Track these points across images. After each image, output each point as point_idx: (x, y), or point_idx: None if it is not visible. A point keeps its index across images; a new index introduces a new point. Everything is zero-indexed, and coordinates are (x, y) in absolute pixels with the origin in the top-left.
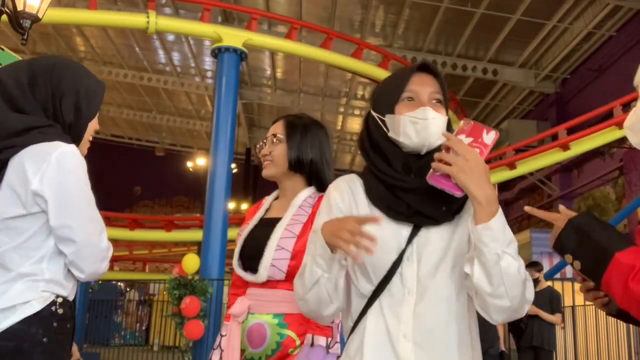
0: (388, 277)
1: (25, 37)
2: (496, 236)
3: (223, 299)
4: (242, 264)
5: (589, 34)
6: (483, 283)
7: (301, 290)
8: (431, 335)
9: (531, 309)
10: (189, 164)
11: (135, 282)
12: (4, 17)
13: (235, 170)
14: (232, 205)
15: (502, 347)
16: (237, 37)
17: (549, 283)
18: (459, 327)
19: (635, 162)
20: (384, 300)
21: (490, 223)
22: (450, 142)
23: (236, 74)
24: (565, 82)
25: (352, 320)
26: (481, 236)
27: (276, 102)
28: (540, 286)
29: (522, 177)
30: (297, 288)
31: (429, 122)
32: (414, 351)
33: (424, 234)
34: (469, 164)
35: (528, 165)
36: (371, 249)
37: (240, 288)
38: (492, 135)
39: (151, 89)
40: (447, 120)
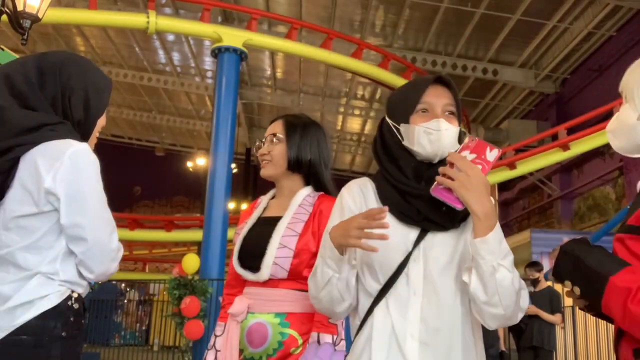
0: (395, 276)
1: (25, 37)
2: (492, 249)
3: None
4: (241, 262)
5: (589, 34)
6: (479, 292)
7: (314, 289)
8: (437, 335)
9: (531, 309)
10: (189, 164)
11: (135, 282)
12: (4, 17)
13: (235, 170)
14: (232, 205)
15: (502, 347)
16: (237, 37)
17: (549, 283)
18: (464, 328)
19: (635, 162)
20: (391, 300)
21: (487, 237)
22: (454, 159)
23: (236, 74)
24: (565, 82)
25: (360, 318)
26: (478, 249)
27: (276, 102)
28: (540, 286)
29: (522, 177)
30: (311, 287)
31: (442, 133)
32: (420, 350)
33: (430, 238)
34: (470, 180)
35: (528, 165)
36: (385, 236)
37: (235, 287)
38: (494, 153)
39: (151, 89)
40: (459, 130)
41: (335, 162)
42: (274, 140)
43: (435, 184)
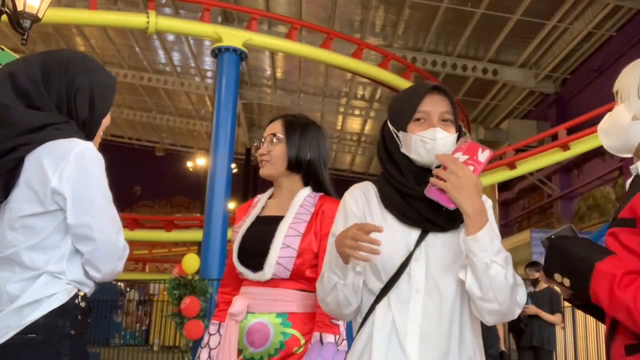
0: (397, 275)
1: (25, 37)
2: (484, 246)
3: None
4: (242, 261)
5: (589, 34)
6: (474, 288)
7: (322, 294)
8: (437, 331)
9: (531, 309)
10: (189, 164)
11: (135, 282)
12: (4, 17)
13: (235, 170)
14: (232, 205)
15: (502, 347)
16: (237, 37)
17: None
18: (463, 324)
19: None
20: (392, 298)
21: (478, 235)
22: (445, 162)
23: (236, 74)
24: (565, 82)
25: (361, 316)
26: (470, 246)
27: (276, 102)
28: (540, 286)
29: (522, 177)
30: (319, 291)
31: (437, 142)
32: (420, 345)
33: (431, 238)
34: (461, 181)
35: (528, 165)
36: (377, 250)
37: (230, 286)
38: (486, 154)
39: (151, 89)
40: (456, 136)
41: (335, 162)
42: (274, 140)
43: (429, 185)
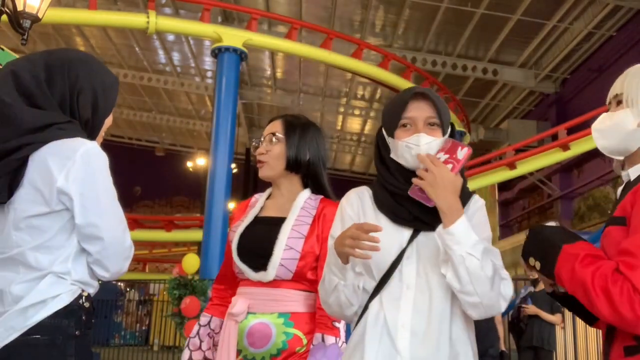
0: (389, 273)
1: (25, 37)
2: (458, 240)
3: None
4: (241, 260)
5: (589, 34)
6: (453, 282)
7: (324, 295)
8: (428, 326)
9: (531, 309)
10: (189, 164)
11: (135, 282)
12: (4, 17)
13: (235, 170)
14: (232, 205)
15: (502, 347)
16: (237, 37)
17: None
18: (454, 321)
19: None
20: (384, 295)
21: (450, 229)
22: (424, 162)
23: (236, 74)
24: (565, 82)
25: (357, 315)
26: (445, 240)
27: (276, 102)
28: (540, 286)
29: (522, 177)
30: (321, 293)
31: (421, 147)
32: (411, 340)
33: (422, 237)
34: (435, 178)
35: (528, 165)
36: (376, 247)
37: (223, 284)
38: (464, 151)
39: (151, 89)
40: (443, 139)
41: (335, 162)
42: (273, 139)
43: (412, 185)
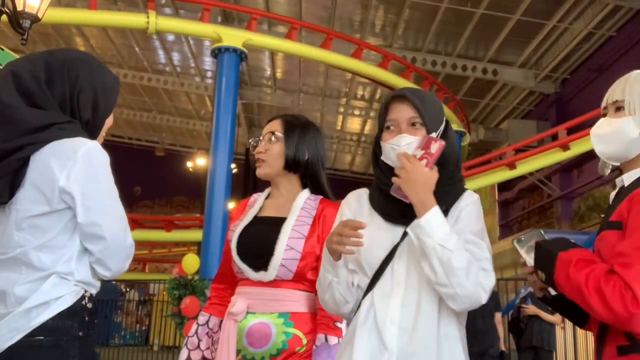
0: (380, 270)
1: (25, 37)
2: (429, 232)
3: None
4: (241, 260)
5: (589, 34)
6: (430, 274)
7: (320, 292)
8: (416, 321)
9: (531, 309)
10: (189, 164)
11: (135, 282)
12: (4, 17)
13: (235, 170)
14: (232, 205)
15: (502, 347)
16: (237, 37)
17: None
18: (444, 318)
19: None
20: (376, 292)
21: (420, 221)
22: (400, 159)
23: (236, 74)
24: (565, 82)
25: (354, 312)
26: (416, 233)
27: (276, 102)
28: None
29: (522, 177)
30: (318, 290)
31: (401, 148)
32: (398, 335)
33: None
34: (408, 175)
35: (528, 165)
36: (359, 242)
37: (223, 283)
38: (436, 145)
39: (151, 89)
40: (425, 138)
41: (335, 162)
42: (272, 138)
43: (393, 184)
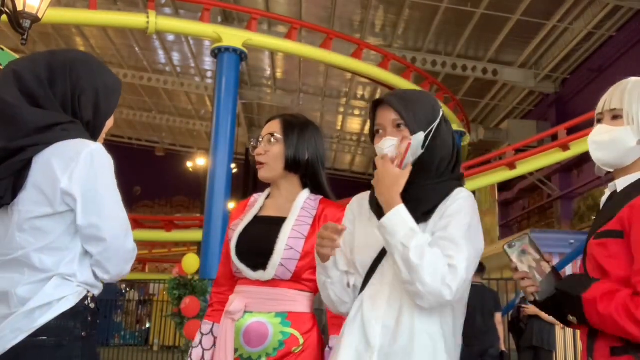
0: (371, 270)
1: (25, 37)
2: (390, 231)
3: None
4: (240, 259)
5: (589, 34)
6: (397, 272)
7: (320, 293)
8: (398, 320)
9: (531, 309)
10: (189, 164)
11: (135, 282)
12: (4, 17)
13: (235, 170)
14: (232, 205)
15: (502, 347)
16: (237, 37)
17: None
18: (425, 316)
19: None
20: (367, 291)
21: (383, 221)
22: (375, 161)
23: (236, 74)
24: (565, 82)
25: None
26: (382, 233)
27: (276, 102)
28: None
29: (522, 177)
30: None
31: (384, 150)
32: (382, 333)
33: None
34: (377, 176)
35: (528, 165)
36: (335, 245)
37: (224, 286)
38: (404, 145)
39: (151, 89)
40: (399, 139)
41: (335, 162)
42: (272, 140)
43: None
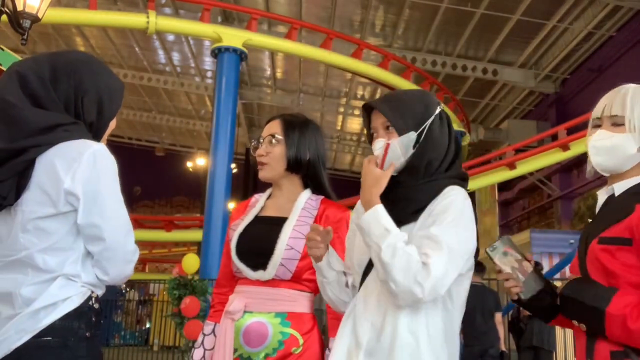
0: (367, 270)
1: (25, 37)
2: (367, 231)
3: None
4: (240, 259)
5: (589, 34)
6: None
7: (320, 294)
8: (384, 319)
9: None
10: (189, 164)
11: (135, 282)
12: (4, 17)
13: (235, 170)
14: (232, 205)
15: (502, 347)
16: (237, 37)
17: None
18: (413, 316)
19: None
20: (361, 291)
21: (359, 222)
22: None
23: (236, 74)
24: (565, 82)
25: None
26: (360, 233)
27: (276, 102)
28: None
29: (522, 177)
30: None
31: (376, 152)
32: (369, 331)
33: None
34: (361, 177)
35: (528, 165)
36: (318, 246)
37: (225, 287)
38: (385, 146)
39: (151, 89)
40: (409, 135)
41: (335, 162)
42: (273, 141)
43: None
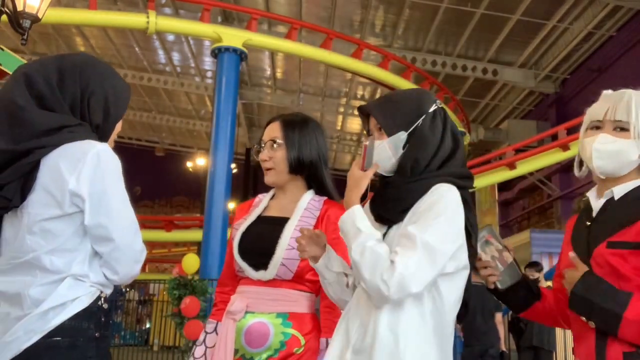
0: None
1: (25, 37)
2: (344, 232)
3: None
4: (242, 259)
5: (589, 34)
6: None
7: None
8: (370, 318)
9: None
10: (189, 164)
11: (135, 282)
12: (4, 17)
13: (235, 170)
14: (232, 205)
15: (502, 347)
16: (237, 37)
17: (549, 283)
18: (394, 316)
19: None
20: (356, 291)
21: (339, 222)
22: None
23: (236, 74)
24: (565, 82)
25: None
26: (341, 233)
27: (276, 102)
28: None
29: (522, 177)
30: None
31: (373, 152)
32: (358, 329)
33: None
34: (348, 180)
35: (528, 165)
36: (303, 249)
37: (228, 286)
38: (365, 147)
39: (151, 89)
40: (396, 136)
41: (335, 162)
42: (274, 145)
43: None
